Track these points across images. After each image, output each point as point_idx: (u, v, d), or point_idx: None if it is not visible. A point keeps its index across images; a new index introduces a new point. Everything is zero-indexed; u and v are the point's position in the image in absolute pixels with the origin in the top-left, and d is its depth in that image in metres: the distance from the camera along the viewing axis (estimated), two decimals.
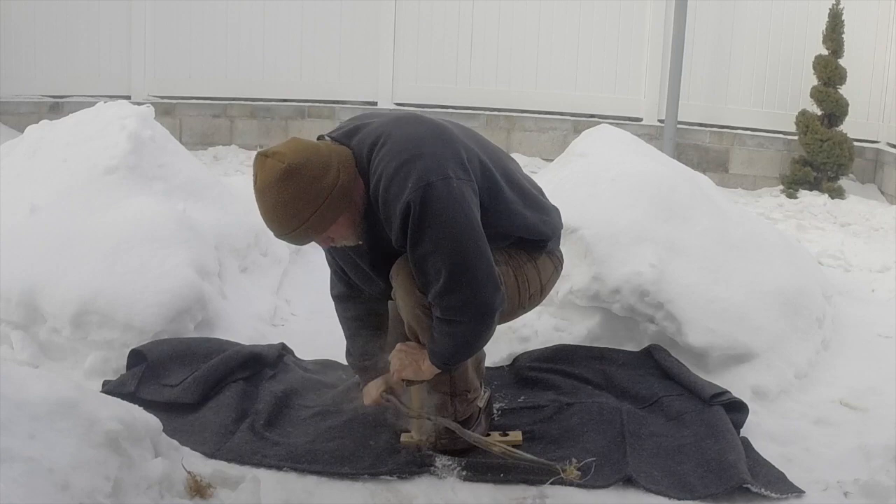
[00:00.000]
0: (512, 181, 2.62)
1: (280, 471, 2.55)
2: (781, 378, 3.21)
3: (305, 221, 2.38)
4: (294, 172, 2.34)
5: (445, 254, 2.35)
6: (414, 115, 2.64)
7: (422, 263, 2.38)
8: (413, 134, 2.45)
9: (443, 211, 2.34)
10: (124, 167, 3.61)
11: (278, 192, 2.34)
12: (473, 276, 2.37)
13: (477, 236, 2.39)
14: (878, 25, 7.08)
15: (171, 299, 3.19)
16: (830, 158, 6.75)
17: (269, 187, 2.35)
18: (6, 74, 7.10)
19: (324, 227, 2.42)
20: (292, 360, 3.22)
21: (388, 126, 2.50)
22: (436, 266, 2.36)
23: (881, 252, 5.16)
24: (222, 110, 7.61)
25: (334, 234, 2.47)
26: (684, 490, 2.48)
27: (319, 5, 7.57)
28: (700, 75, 7.37)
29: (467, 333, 2.46)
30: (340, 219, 2.43)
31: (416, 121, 2.55)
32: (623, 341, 3.33)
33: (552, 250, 2.76)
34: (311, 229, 2.41)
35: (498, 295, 2.42)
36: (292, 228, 2.40)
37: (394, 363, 2.60)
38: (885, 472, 2.54)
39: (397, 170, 2.36)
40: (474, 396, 2.71)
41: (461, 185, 2.38)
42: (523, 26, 7.53)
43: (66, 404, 2.11)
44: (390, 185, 2.36)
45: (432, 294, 2.40)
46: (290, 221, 2.39)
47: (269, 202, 2.37)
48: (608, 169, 3.71)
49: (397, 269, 2.51)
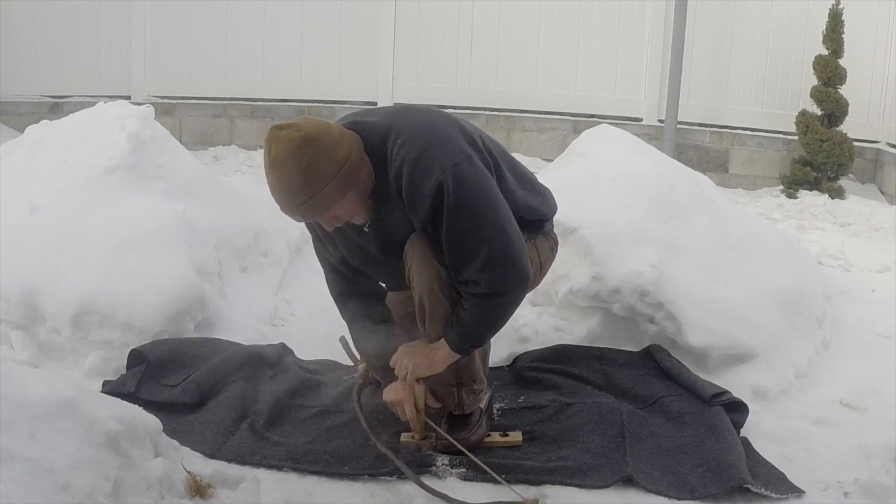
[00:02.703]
0: (510, 162, 2.68)
1: (280, 471, 2.55)
2: (781, 378, 3.21)
3: (319, 192, 2.39)
4: (311, 141, 2.36)
5: (485, 228, 2.41)
6: (413, 106, 2.68)
7: (461, 242, 2.42)
8: (426, 121, 2.52)
9: (476, 187, 2.42)
10: (124, 167, 3.61)
11: (294, 161, 2.36)
12: (513, 247, 2.45)
13: (507, 208, 2.48)
14: (878, 25, 7.08)
15: (171, 299, 3.19)
16: (830, 158, 6.75)
17: (285, 156, 2.36)
18: (6, 74, 7.09)
19: (334, 200, 2.42)
20: (292, 360, 3.22)
21: (396, 118, 2.54)
22: (477, 241, 2.40)
23: (881, 252, 5.16)
24: (222, 110, 7.61)
25: (341, 211, 2.47)
26: (684, 490, 2.48)
27: (319, 5, 7.56)
28: (700, 75, 7.37)
29: (507, 305, 2.51)
30: (349, 195, 2.44)
31: (422, 109, 2.64)
32: (623, 341, 3.33)
33: (548, 231, 2.81)
34: (322, 202, 2.41)
35: (529, 264, 2.50)
36: (304, 199, 2.40)
37: (403, 365, 2.59)
38: (885, 472, 2.54)
39: (421, 154, 2.40)
40: (480, 388, 2.72)
41: (481, 163, 2.48)
42: (523, 26, 7.53)
43: (66, 404, 2.11)
44: (416, 168, 2.40)
45: (473, 269, 2.42)
46: (303, 191, 2.39)
47: (285, 170, 2.37)
48: (608, 169, 3.71)
49: (412, 243, 2.51)
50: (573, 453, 2.63)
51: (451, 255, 2.45)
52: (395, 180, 2.45)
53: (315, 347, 3.41)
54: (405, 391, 2.63)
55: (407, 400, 2.62)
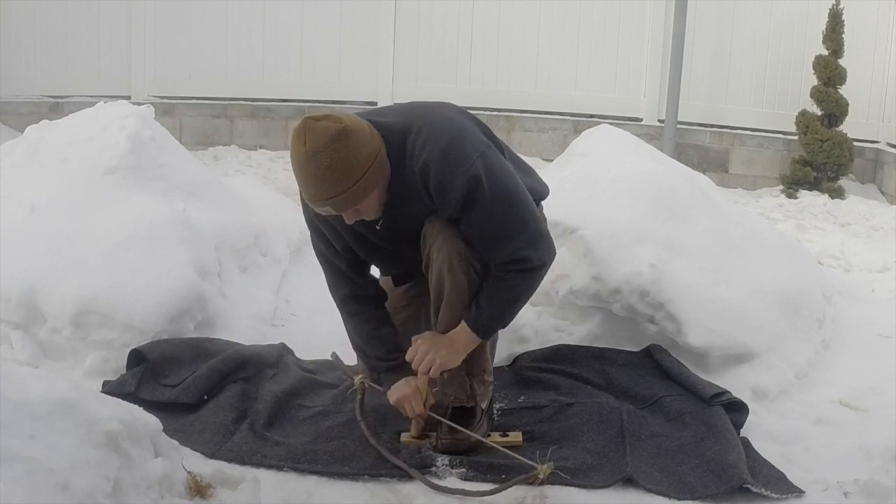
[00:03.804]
0: (507, 149, 2.75)
1: (280, 471, 2.55)
2: (781, 378, 3.21)
3: (353, 185, 2.41)
4: (349, 134, 2.39)
5: (521, 208, 2.52)
6: (424, 103, 2.72)
7: (503, 225, 2.49)
8: (443, 116, 2.58)
9: (503, 172, 2.53)
10: (124, 167, 3.61)
11: (332, 153, 2.37)
12: (542, 222, 2.63)
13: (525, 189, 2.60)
14: (878, 25, 7.08)
15: (171, 299, 3.19)
16: (830, 158, 6.75)
17: (323, 147, 2.37)
18: (6, 74, 7.09)
19: (364, 194, 2.45)
20: (292, 360, 3.22)
21: (412, 116, 2.58)
22: (517, 222, 2.51)
23: (881, 252, 5.16)
24: (222, 110, 7.61)
25: (366, 205, 2.49)
26: (684, 490, 2.48)
27: (319, 5, 7.56)
28: (700, 75, 7.37)
29: (539, 278, 2.61)
30: (375, 191, 2.48)
31: (434, 105, 2.68)
32: (623, 341, 3.33)
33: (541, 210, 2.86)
34: (354, 195, 2.43)
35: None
36: (340, 191, 2.40)
37: (428, 360, 2.58)
38: (885, 472, 2.54)
39: (448, 147, 2.47)
40: (489, 380, 2.74)
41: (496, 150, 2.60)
42: (523, 26, 7.52)
43: (66, 404, 2.11)
44: (445, 162, 2.46)
45: (519, 248, 2.51)
46: (339, 183, 2.40)
47: (322, 162, 2.37)
48: (608, 169, 3.71)
49: (433, 226, 2.56)
50: (573, 453, 2.63)
51: (493, 240, 2.51)
52: (421, 175, 2.48)
53: (315, 347, 3.41)
54: (410, 388, 2.64)
55: (414, 396, 2.64)
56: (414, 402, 2.65)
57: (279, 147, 7.60)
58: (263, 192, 4.77)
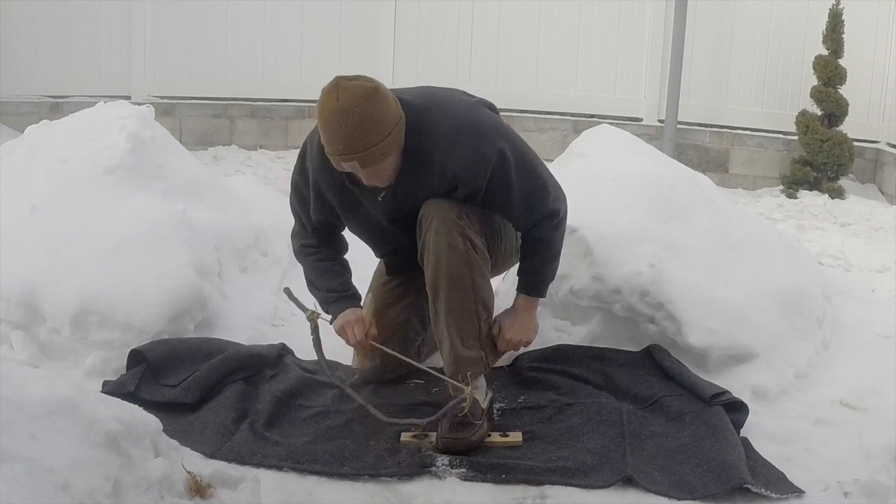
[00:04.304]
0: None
1: (280, 471, 2.55)
2: (781, 378, 3.21)
3: (380, 142, 2.54)
4: (379, 94, 2.54)
5: (542, 169, 2.80)
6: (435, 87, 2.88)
7: (534, 188, 2.75)
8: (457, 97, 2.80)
9: (519, 140, 2.79)
10: (124, 167, 3.60)
11: (364, 110, 2.50)
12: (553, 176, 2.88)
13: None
14: (878, 25, 7.08)
15: (171, 299, 3.19)
16: (830, 158, 6.75)
17: (356, 103, 2.50)
18: (6, 74, 7.09)
19: (387, 153, 2.57)
20: (292, 360, 3.22)
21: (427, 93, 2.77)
22: (543, 182, 2.77)
23: (881, 252, 5.16)
24: (222, 110, 7.61)
25: (385, 167, 2.61)
26: (684, 490, 2.48)
27: (319, 5, 7.56)
28: (700, 75, 7.37)
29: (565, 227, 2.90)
30: (395, 154, 2.61)
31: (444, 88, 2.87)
32: (623, 341, 3.33)
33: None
34: (379, 152, 2.55)
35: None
36: (367, 146, 2.52)
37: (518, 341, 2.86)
38: (885, 472, 2.54)
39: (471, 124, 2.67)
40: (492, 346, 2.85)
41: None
42: (523, 26, 7.53)
43: (66, 404, 2.11)
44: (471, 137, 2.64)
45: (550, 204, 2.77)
46: (367, 139, 2.52)
47: (354, 117, 2.49)
48: (608, 169, 3.71)
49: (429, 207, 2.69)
50: (573, 453, 2.63)
51: (525, 203, 2.74)
52: (444, 149, 2.63)
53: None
54: (355, 316, 2.83)
55: (357, 322, 2.82)
56: (357, 328, 2.79)
57: (279, 147, 7.60)
58: (263, 192, 4.77)
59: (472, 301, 2.72)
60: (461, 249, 2.67)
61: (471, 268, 2.68)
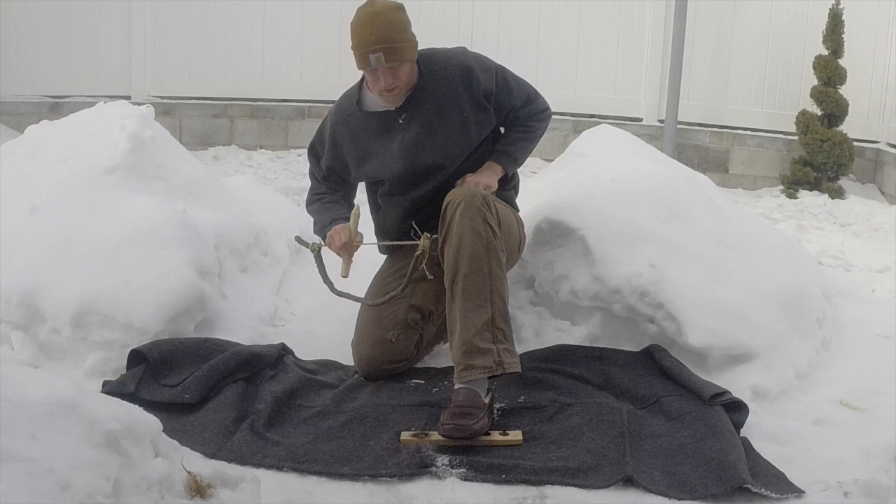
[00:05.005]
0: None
1: (280, 471, 2.55)
2: (781, 378, 3.21)
3: (406, 42, 3.02)
4: (404, 10, 3.08)
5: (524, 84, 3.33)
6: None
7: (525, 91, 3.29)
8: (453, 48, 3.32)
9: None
10: (124, 167, 3.60)
11: (394, 14, 3.03)
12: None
13: None
14: (878, 25, 7.08)
15: (171, 299, 3.19)
16: (830, 158, 6.75)
17: (387, 9, 3.02)
18: (6, 74, 7.09)
19: (408, 54, 3.03)
20: (292, 360, 3.22)
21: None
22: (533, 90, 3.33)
23: (881, 252, 5.15)
24: (222, 110, 7.62)
25: (403, 71, 3.04)
26: (684, 490, 2.48)
27: (319, 5, 7.56)
28: (700, 75, 7.37)
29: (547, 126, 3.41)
30: (412, 63, 3.08)
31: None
32: (623, 341, 3.33)
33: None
34: (404, 50, 3.01)
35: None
36: (396, 42, 2.98)
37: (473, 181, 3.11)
38: (885, 472, 2.54)
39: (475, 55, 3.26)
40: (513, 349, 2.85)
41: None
42: (523, 26, 7.53)
43: (66, 404, 2.11)
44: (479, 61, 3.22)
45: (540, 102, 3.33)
46: (395, 35, 2.99)
47: (385, 18, 3.00)
48: (608, 169, 3.71)
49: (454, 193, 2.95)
50: (573, 453, 2.63)
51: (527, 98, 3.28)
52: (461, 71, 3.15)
53: (315, 347, 3.41)
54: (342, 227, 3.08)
55: (342, 230, 3.07)
56: (342, 233, 3.05)
57: (279, 147, 7.60)
58: (263, 192, 4.77)
59: (488, 287, 2.79)
60: (483, 235, 2.81)
61: (489, 253, 2.82)
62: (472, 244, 2.80)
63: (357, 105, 3.19)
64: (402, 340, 3.14)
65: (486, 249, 2.82)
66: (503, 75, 3.24)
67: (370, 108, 3.18)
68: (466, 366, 2.75)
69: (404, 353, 3.16)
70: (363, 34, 2.99)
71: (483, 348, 2.75)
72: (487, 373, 2.74)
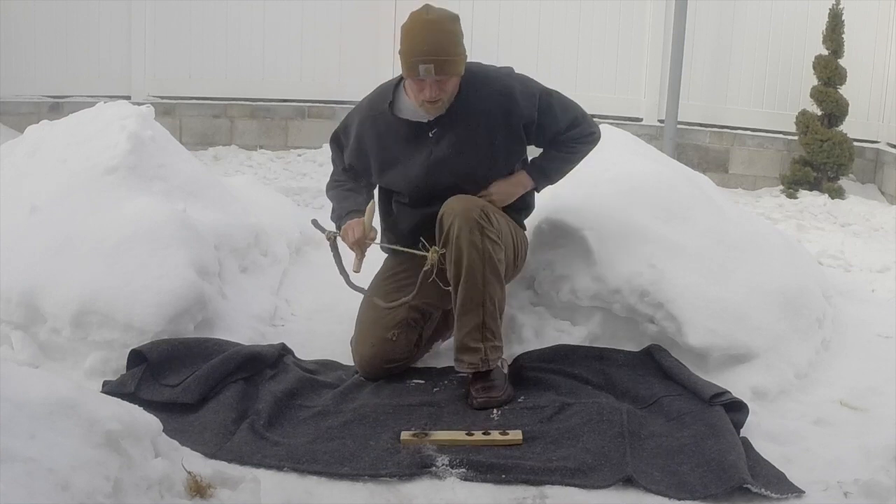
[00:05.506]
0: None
1: (280, 471, 2.55)
2: (781, 378, 3.21)
3: (459, 56, 2.98)
4: (458, 21, 3.03)
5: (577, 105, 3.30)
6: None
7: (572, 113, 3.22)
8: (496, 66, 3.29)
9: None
10: (124, 167, 3.60)
11: (450, 25, 2.99)
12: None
13: None
14: (878, 25, 7.07)
15: (171, 299, 3.19)
16: (830, 158, 6.75)
17: (444, 19, 2.98)
18: (6, 74, 7.08)
19: (458, 68, 2.99)
20: (292, 360, 3.22)
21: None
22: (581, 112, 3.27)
23: (881, 252, 5.15)
24: (222, 110, 7.61)
25: (450, 85, 2.99)
26: (684, 490, 2.48)
27: (319, 5, 7.56)
28: (700, 75, 7.37)
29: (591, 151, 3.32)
30: (458, 77, 3.02)
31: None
32: (623, 341, 3.33)
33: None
34: (455, 64, 2.97)
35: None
36: (448, 54, 2.94)
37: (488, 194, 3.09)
38: (885, 472, 2.54)
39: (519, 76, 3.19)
40: (500, 345, 3.04)
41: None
42: (523, 26, 7.52)
43: (66, 404, 2.11)
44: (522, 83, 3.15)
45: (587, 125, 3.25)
46: (449, 47, 2.95)
47: (442, 28, 2.96)
48: (608, 169, 3.71)
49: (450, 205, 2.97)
50: (573, 453, 2.63)
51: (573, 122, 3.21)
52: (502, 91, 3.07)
53: (315, 347, 3.41)
54: (356, 222, 3.06)
55: (357, 225, 3.05)
56: (356, 229, 3.04)
57: (279, 147, 7.60)
58: (263, 192, 4.77)
59: (481, 293, 2.95)
60: (479, 246, 2.91)
61: (484, 263, 2.93)
62: (469, 256, 2.91)
63: (389, 107, 3.12)
64: (402, 340, 3.15)
65: (482, 260, 2.93)
66: (548, 100, 3.15)
67: (402, 114, 3.11)
68: (458, 360, 3.02)
69: (404, 352, 3.16)
70: (415, 42, 2.95)
71: (472, 347, 2.98)
72: (473, 368, 2.98)
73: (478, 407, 2.90)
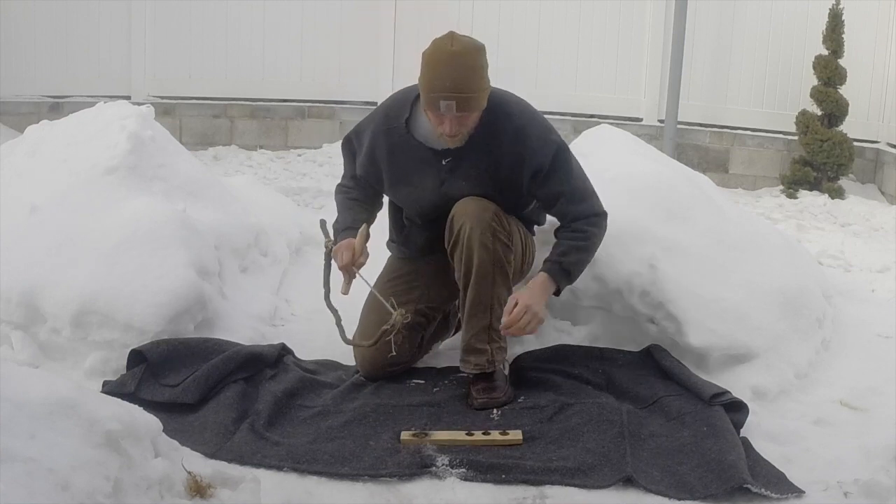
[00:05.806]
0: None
1: (280, 471, 2.55)
2: (781, 378, 3.21)
3: (480, 91, 2.84)
4: (485, 53, 2.89)
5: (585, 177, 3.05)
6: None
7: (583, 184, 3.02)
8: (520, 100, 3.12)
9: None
10: (124, 167, 3.60)
11: (475, 59, 2.84)
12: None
13: None
14: (878, 25, 7.08)
15: (171, 299, 3.19)
16: (830, 158, 6.75)
17: (469, 52, 2.82)
18: (6, 74, 7.09)
19: (480, 104, 2.86)
20: (292, 360, 3.22)
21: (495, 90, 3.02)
22: (591, 187, 3.04)
23: (881, 252, 5.16)
24: (222, 110, 7.62)
25: (470, 120, 2.86)
26: (684, 490, 2.48)
27: (319, 5, 7.56)
28: (700, 75, 7.37)
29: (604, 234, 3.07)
30: (479, 112, 2.88)
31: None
32: (623, 341, 3.33)
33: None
34: (478, 100, 2.84)
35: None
36: (471, 90, 2.80)
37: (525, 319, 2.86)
38: (885, 472, 2.54)
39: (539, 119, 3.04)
40: (505, 346, 3.06)
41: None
42: (523, 26, 7.53)
43: (66, 404, 2.11)
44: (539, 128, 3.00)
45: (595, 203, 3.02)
46: (473, 83, 2.81)
47: (467, 62, 2.81)
48: (608, 169, 3.70)
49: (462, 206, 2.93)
50: (573, 453, 2.63)
51: (582, 194, 3.00)
52: (516, 132, 2.93)
53: (315, 347, 3.41)
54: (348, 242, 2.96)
55: (347, 247, 2.94)
56: (346, 253, 2.93)
57: (279, 147, 7.61)
58: (263, 192, 4.77)
59: (490, 296, 2.95)
60: (490, 248, 2.91)
61: (493, 264, 2.93)
62: (480, 257, 2.91)
63: (406, 124, 2.98)
64: (405, 342, 3.12)
65: (493, 262, 2.93)
66: (564, 155, 2.98)
67: (418, 135, 2.98)
68: (465, 360, 3.02)
69: (407, 353, 3.16)
70: (437, 76, 2.78)
71: (479, 348, 2.99)
72: (479, 369, 2.99)
73: (478, 407, 2.91)
